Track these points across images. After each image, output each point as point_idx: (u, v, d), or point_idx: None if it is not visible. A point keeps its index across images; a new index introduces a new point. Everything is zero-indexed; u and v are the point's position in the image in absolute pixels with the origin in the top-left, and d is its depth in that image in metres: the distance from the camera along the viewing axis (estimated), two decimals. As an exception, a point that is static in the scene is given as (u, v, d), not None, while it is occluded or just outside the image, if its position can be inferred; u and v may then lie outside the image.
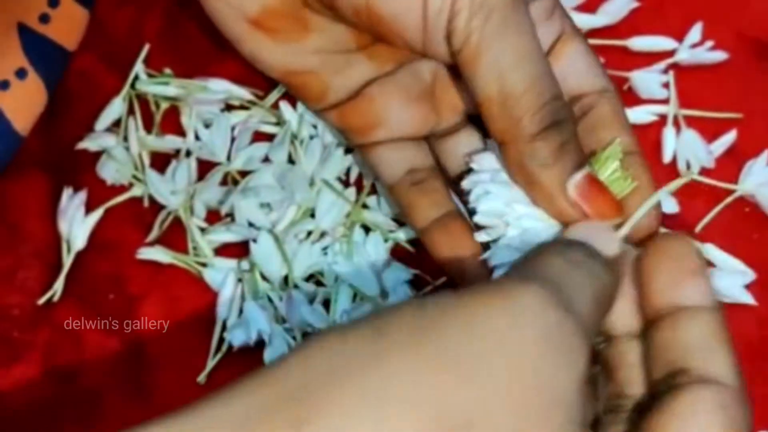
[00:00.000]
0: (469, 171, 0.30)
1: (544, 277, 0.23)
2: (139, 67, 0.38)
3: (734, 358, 0.25)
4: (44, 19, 0.36)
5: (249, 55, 0.32)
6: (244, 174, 0.36)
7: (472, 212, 0.29)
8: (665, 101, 0.38)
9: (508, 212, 0.28)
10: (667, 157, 0.38)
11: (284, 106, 0.37)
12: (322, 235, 0.36)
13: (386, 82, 0.32)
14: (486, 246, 0.30)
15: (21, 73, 0.35)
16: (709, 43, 0.39)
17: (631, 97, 0.38)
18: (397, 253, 0.36)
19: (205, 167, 0.37)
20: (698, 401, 0.23)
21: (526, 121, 0.27)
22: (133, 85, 0.38)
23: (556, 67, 0.29)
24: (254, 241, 0.35)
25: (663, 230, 0.30)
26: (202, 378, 0.35)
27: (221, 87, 0.37)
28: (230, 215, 0.36)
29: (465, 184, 0.29)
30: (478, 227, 0.29)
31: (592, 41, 0.39)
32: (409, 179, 0.33)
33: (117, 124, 0.38)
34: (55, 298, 0.36)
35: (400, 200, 0.33)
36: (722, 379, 0.24)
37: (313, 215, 0.36)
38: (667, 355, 0.25)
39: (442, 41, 0.28)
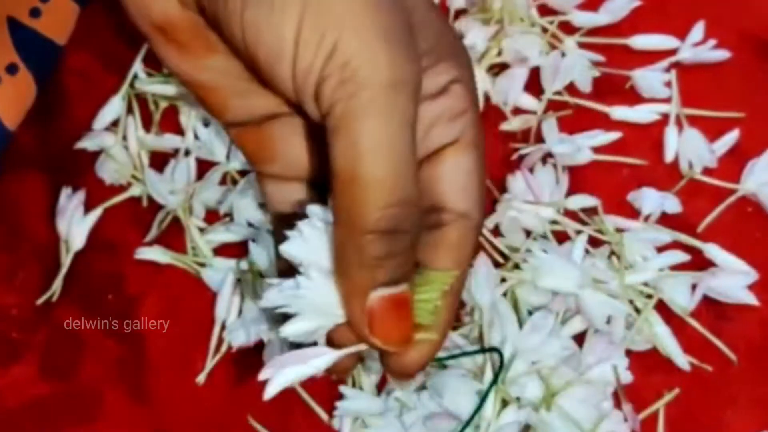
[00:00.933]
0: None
1: None
2: (137, 66, 0.38)
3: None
4: (35, 13, 0.36)
5: (156, 55, 0.31)
6: (243, 173, 0.36)
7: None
8: (667, 100, 0.38)
9: (303, 271, 0.26)
10: (669, 157, 0.37)
11: (284, 105, 0.37)
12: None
13: (287, 122, 0.30)
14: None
15: (12, 69, 0.35)
16: (712, 42, 0.39)
17: (633, 96, 0.38)
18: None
19: (204, 167, 0.37)
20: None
21: (364, 214, 0.25)
22: (131, 84, 0.38)
23: (430, 170, 0.28)
24: (253, 240, 0.35)
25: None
26: (201, 378, 0.35)
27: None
28: (229, 215, 0.36)
29: (300, 223, 0.27)
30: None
31: (594, 39, 0.39)
32: (283, 218, 0.31)
33: (116, 123, 0.38)
34: (54, 298, 0.36)
35: (275, 234, 0.32)
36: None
37: (312, 215, 0.36)
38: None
39: (311, 99, 0.26)
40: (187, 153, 0.37)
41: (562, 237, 0.36)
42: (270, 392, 0.26)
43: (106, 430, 0.34)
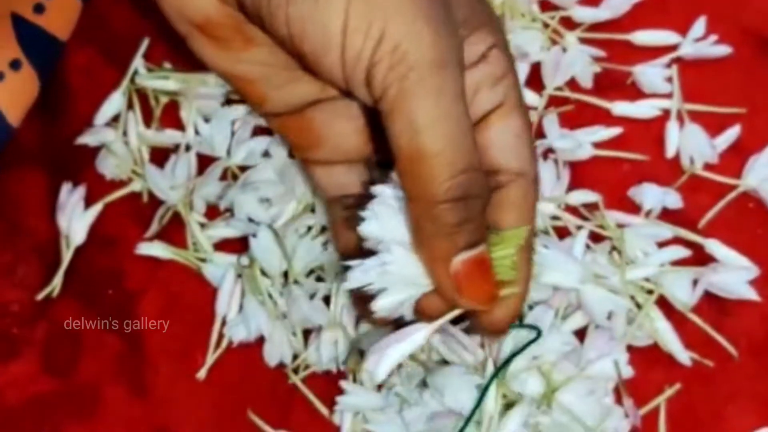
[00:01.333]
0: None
1: None
2: (138, 62, 0.38)
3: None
4: (38, 9, 0.36)
5: (194, 52, 0.31)
6: (243, 169, 0.36)
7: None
8: (668, 96, 0.38)
9: (384, 248, 0.28)
10: (670, 152, 0.37)
11: (284, 100, 0.37)
12: (323, 230, 0.35)
13: (328, 106, 0.31)
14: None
15: (15, 64, 0.35)
16: (713, 38, 0.38)
17: (634, 92, 0.38)
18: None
19: (204, 162, 0.37)
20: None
21: (434, 186, 0.27)
22: (132, 80, 0.38)
23: (480, 136, 0.29)
24: (254, 236, 0.35)
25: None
26: (201, 374, 0.35)
27: (221, 81, 0.37)
28: (230, 210, 0.36)
29: (370, 204, 0.28)
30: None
31: (596, 35, 0.39)
32: (341, 202, 0.32)
33: (116, 118, 0.38)
34: (54, 294, 0.36)
35: (329, 218, 0.33)
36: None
37: (313, 210, 0.36)
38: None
39: (362, 85, 0.27)
40: (188, 148, 0.37)
41: (563, 232, 0.36)
42: (380, 374, 0.28)
43: (106, 426, 0.34)
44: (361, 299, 0.29)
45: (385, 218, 0.28)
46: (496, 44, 0.29)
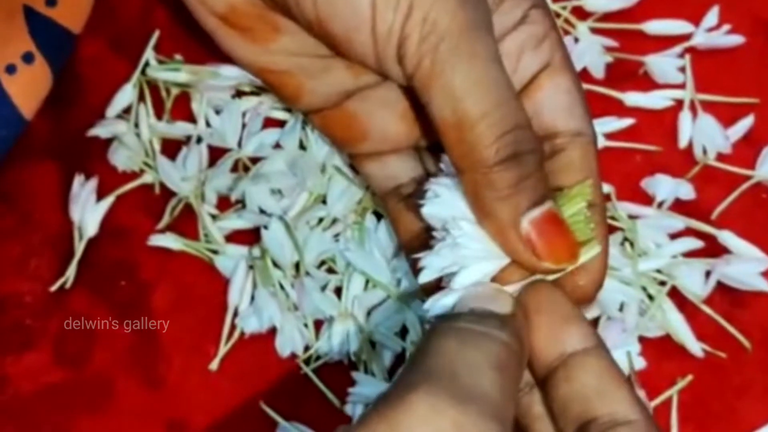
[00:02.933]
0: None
1: (434, 371, 0.23)
2: (149, 54, 0.38)
3: (632, 392, 0.25)
4: (51, 1, 0.36)
5: (223, 49, 0.31)
6: (255, 160, 0.36)
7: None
8: (681, 86, 0.38)
9: (452, 226, 0.27)
10: (683, 143, 0.37)
11: (295, 92, 0.37)
12: (334, 221, 0.35)
13: (367, 96, 0.31)
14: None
15: (28, 57, 0.35)
16: (726, 27, 0.38)
17: (647, 82, 0.38)
18: (409, 239, 0.35)
19: (216, 154, 0.37)
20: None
21: (483, 150, 0.26)
22: (143, 72, 0.38)
23: (531, 100, 0.28)
24: (265, 227, 0.35)
25: (532, 278, 0.27)
26: (214, 365, 0.35)
27: (232, 73, 0.37)
28: (241, 202, 0.36)
29: (426, 184, 0.28)
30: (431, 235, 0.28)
31: (608, 25, 0.39)
32: (396, 193, 0.32)
33: (128, 110, 0.38)
34: (67, 285, 0.36)
35: (388, 211, 0.33)
36: (630, 417, 0.25)
37: (324, 202, 0.36)
38: (571, 410, 0.25)
39: (394, 63, 0.27)
40: (199, 140, 0.37)
41: (574, 224, 0.36)
42: (424, 277, 0.27)
43: (118, 417, 0.35)
44: (435, 289, 0.28)
45: (445, 197, 0.27)
46: (535, 4, 0.28)
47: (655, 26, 0.38)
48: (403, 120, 0.31)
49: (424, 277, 0.27)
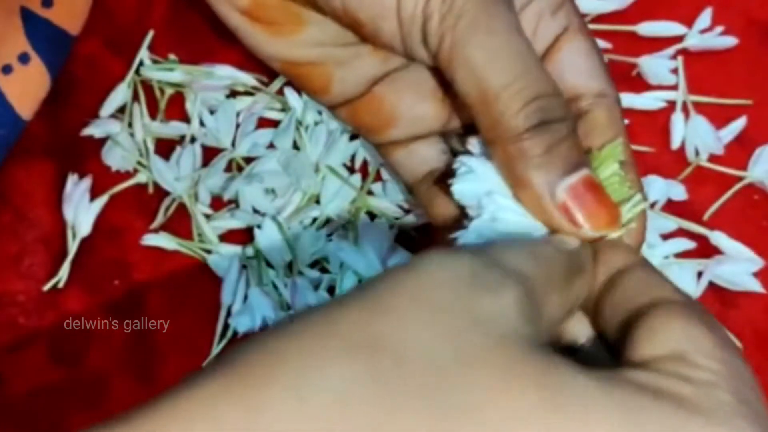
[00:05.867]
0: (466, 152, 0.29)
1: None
2: (144, 53, 0.38)
3: (675, 288, 0.25)
4: (47, 3, 0.36)
5: (248, 45, 0.32)
6: (248, 160, 0.36)
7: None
8: (674, 87, 0.38)
9: (486, 202, 0.26)
10: (675, 144, 0.37)
11: (289, 92, 0.37)
12: (327, 221, 0.35)
13: (395, 79, 0.31)
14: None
15: (24, 58, 0.35)
16: (719, 29, 0.38)
17: (640, 83, 0.38)
18: (402, 239, 0.35)
19: (209, 153, 0.37)
20: (674, 312, 0.24)
21: (510, 119, 0.26)
22: (138, 71, 0.38)
23: (551, 65, 0.29)
24: (259, 227, 0.35)
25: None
26: (207, 363, 0.35)
27: (226, 73, 0.37)
28: (234, 201, 0.36)
29: (456, 163, 0.28)
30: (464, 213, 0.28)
31: (601, 26, 0.39)
32: (426, 180, 0.32)
33: (122, 110, 0.38)
34: (61, 285, 0.36)
35: (420, 199, 0.33)
36: (672, 297, 0.24)
37: (318, 201, 0.36)
38: (618, 309, 0.25)
39: (420, 45, 0.27)
40: (193, 140, 0.37)
41: (567, 224, 0.36)
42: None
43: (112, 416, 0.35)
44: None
45: (476, 173, 0.27)
46: None
47: (649, 28, 0.39)
48: (432, 101, 0.31)
49: None
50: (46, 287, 0.36)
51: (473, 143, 0.28)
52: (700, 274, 0.35)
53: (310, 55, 0.30)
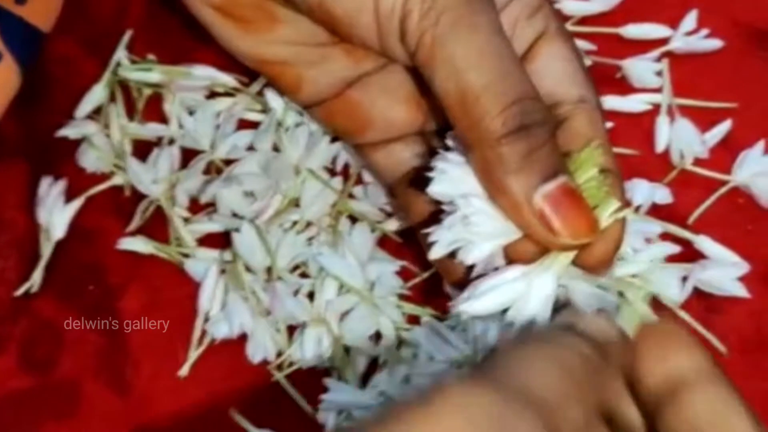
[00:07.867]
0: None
1: (483, 366, 0.22)
2: (121, 53, 0.37)
3: (750, 416, 0.23)
4: (20, 0, 0.35)
5: (221, 43, 0.31)
6: (228, 162, 0.36)
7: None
8: (659, 90, 0.37)
9: (462, 204, 0.26)
10: (660, 147, 0.37)
11: (269, 93, 0.36)
12: (308, 225, 0.35)
13: (369, 82, 0.31)
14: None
15: (-4, 55, 0.34)
16: (704, 31, 0.38)
17: (624, 86, 0.38)
18: (383, 243, 0.35)
19: (188, 155, 0.36)
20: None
21: (489, 122, 0.25)
22: (114, 72, 0.37)
23: (529, 70, 0.28)
24: (237, 231, 0.34)
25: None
26: (183, 371, 0.34)
27: (205, 73, 0.36)
28: (213, 205, 0.36)
29: (432, 161, 0.27)
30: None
31: (585, 28, 0.38)
32: (404, 180, 0.32)
33: (98, 111, 0.37)
34: (34, 289, 0.35)
35: (398, 199, 0.32)
36: None
37: (298, 205, 0.35)
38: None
39: (398, 43, 0.27)
40: (171, 141, 0.36)
41: (551, 228, 0.35)
42: (435, 253, 0.26)
43: (86, 423, 0.34)
44: (449, 267, 0.28)
45: (452, 174, 0.26)
46: None
47: (634, 30, 0.38)
48: (407, 105, 0.31)
49: (435, 253, 0.27)
50: (19, 292, 0.35)
51: (452, 137, 0.27)
52: (684, 279, 0.34)
53: (282, 54, 0.30)
